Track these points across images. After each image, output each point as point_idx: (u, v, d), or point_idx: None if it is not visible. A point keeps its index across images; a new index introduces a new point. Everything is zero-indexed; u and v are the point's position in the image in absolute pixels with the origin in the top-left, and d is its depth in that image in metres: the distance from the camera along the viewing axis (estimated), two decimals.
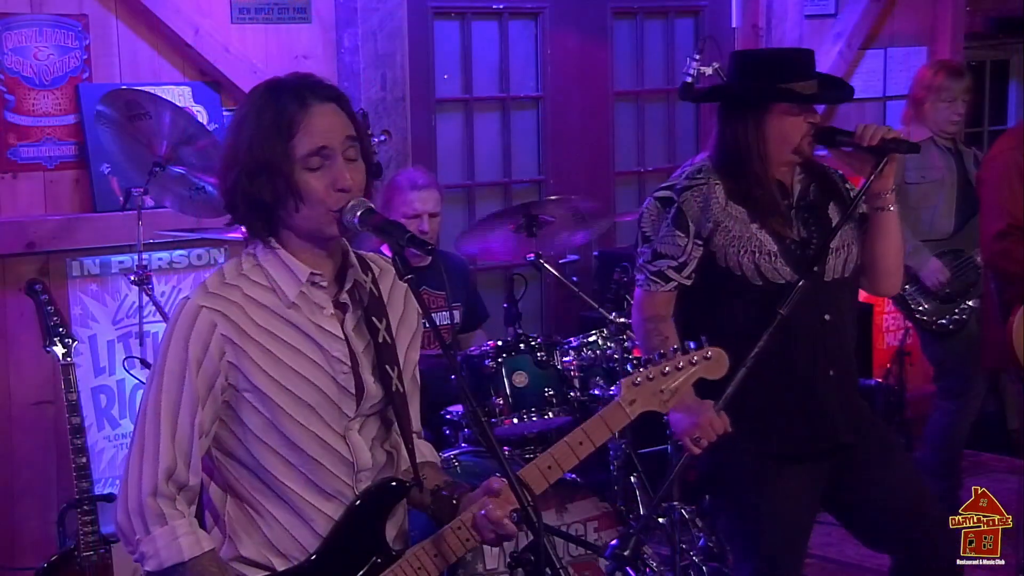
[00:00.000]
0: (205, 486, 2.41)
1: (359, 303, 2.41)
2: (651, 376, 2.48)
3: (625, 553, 3.47)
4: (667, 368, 2.50)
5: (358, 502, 2.37)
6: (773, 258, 3.18)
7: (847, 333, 3.33)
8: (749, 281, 3.18)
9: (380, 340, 2.40)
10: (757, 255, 3.18)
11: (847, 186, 3.36)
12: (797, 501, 3.25)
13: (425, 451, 2.64)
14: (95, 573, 3.83)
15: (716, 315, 3.23)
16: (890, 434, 3.51)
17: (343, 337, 2.36)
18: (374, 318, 2.40)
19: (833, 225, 3.23)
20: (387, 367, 2.39)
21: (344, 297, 2.38)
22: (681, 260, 3.23)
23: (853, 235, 3.28)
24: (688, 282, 3.25)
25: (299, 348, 2.32)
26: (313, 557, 2.35)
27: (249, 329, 2.30)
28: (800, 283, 3.10)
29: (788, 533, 3.27)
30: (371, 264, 2.48)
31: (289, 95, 2.29)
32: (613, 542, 3.49)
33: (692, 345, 2.57)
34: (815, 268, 3.16)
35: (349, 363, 2.35)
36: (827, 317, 3.22)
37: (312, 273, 2.33)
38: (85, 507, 3.82)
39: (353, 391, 2.36)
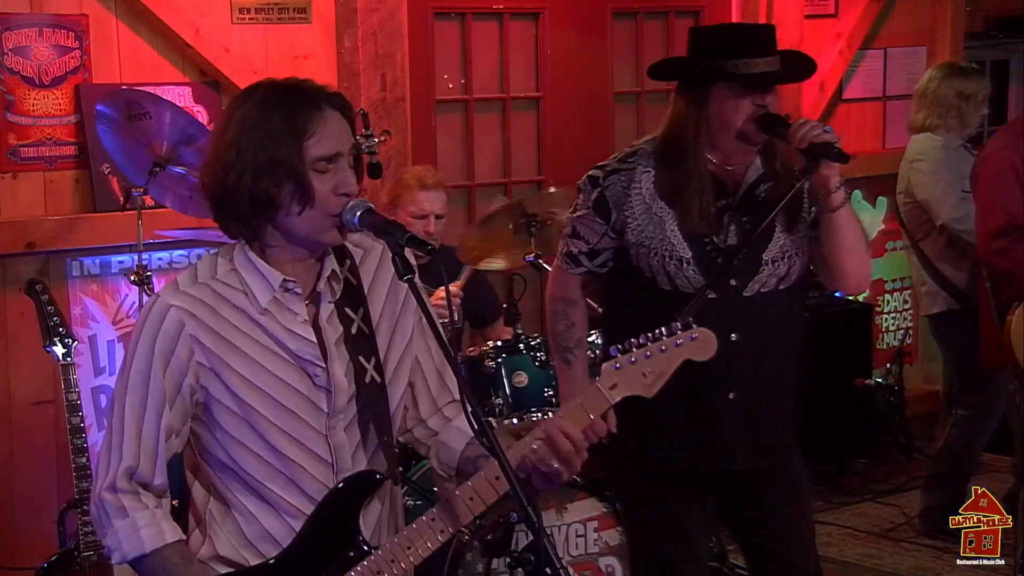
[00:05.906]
0: (189, 486, 2.40)
1: (333, 293, 2.36)
2: (633, 360, 2.34)
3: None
4: (650, 351, 2.36)
5: (330, 495, 2.33)
6: (684, 265, 2.93)
7: (767, 355, 3.00)
8: (658, 285, 2.97)
9: (354, 331, 2.35)
10: (667, 259, 2.94)
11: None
12: (685, 521, 3.09)
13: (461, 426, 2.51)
14: (95, 573, 3.83)
15: (626, 311, 3.08)
16: (804, 478, 3.21)
17: (315, 341, 2.32)
18: (348, 309, 2.36)
19: (770, 232, 2.93)
20: (361, 359, 2.35)
21: (320, 286, 2.34)
22: (593, 246, 3.05)
23: (798, 245, 3.00)
24: (602, 271, 3.08)
25: (270, 348, 2.29)
26: (283, 552, 2.31)
27: (219, 328, 2.27)
28: (700, 291, 2.87)
29: (675, 553, 3.11)
30: (351, 250, 2.42)
31: (304, 98, 2.25)
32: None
33: (677, 325, 2.40)
34: (733, 282, 2.93)
35: (323, 364, 2.32)
36: (734, 336, 2.90)
37: (285, 280, 2.30)
38: (85, 507, 3.81)
39: (327, 386, 2.32)
